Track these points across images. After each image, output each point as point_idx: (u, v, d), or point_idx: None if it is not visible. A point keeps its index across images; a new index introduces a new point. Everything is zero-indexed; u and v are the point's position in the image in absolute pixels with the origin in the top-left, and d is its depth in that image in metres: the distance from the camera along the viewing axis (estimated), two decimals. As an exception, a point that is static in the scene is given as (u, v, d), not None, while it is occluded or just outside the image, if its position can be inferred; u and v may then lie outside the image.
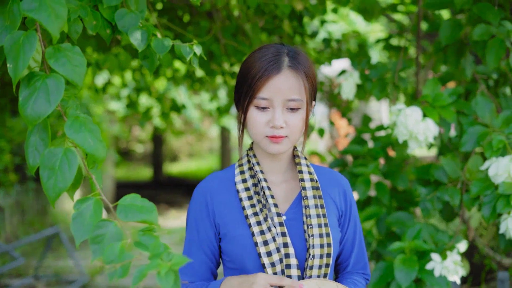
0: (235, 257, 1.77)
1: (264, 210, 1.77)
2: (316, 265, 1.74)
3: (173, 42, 1.98)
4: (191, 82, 5.10)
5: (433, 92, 2.60)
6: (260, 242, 1.72)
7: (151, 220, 1.34)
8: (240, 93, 1.80)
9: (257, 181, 1.81)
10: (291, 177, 1.88)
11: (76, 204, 1.35)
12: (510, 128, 2.49)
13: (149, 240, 1.29)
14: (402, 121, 2.53)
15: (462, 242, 2.69)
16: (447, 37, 2.76)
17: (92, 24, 1.95)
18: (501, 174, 2.36)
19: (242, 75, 1.80)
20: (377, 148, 3.10)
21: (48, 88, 1.50)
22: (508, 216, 2.32)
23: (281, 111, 1.74)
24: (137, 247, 1.28)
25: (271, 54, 1.77)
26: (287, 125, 1.75)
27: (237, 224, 1.78)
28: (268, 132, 1.74)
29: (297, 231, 1.78)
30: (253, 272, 1.74)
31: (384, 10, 4.14)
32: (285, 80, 1.74)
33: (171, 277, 1.18)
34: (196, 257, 1.83)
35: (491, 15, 2.65)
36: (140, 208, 1.36)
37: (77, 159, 1.43)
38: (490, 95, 2.95)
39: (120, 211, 1.37)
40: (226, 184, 1.85)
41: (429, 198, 2.60)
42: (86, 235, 1.34)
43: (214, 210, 1.82)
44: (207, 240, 1.83)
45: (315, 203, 1.81)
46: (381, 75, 3.01)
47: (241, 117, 1.81)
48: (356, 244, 1.94)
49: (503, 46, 2.63)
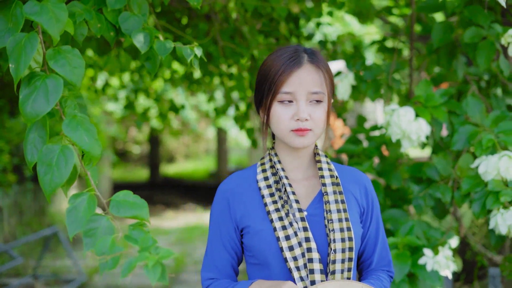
0: (258, 252, 1.80)
1: (286, 206, 1.80)
2: (338, 260, 1.76)
3: (174, 44, 2.05)
4: (188, 83, 5.17)
5: (425, 92, 2.68)
6: (282, 237, 1.75)
7: (142, 216, 1.42)
8: (262, 93, 1.83)
9: (279, 179, 1.85)
10: (312, 174, 1.91)
11: (71, 199, 1.43)
12: (500, 127, 2.57)
13: (139, 234, 1.36)
14: (395, 121, 2.61)
15: (454, 238, 2.78)
16: (439, 40, 2.84)
17: (97, 27, 2.03)
18: (490, 171, 2.44)
19: (262, 75, 1.84)
20: (371, 148, 3.18)
21: (48, 88, 1.57)
22: (497, 212, 2.40)
23: (304, 103, 1.77)
24: (127, 241, 1.35)
25: (290, 52, 1.82)
26: (311, 118, 1.78)
27: (260, 220, 1.81)
28: (293, 126, 1.77)
29: (318, 227, 1.80)
30: (275, 267, 1.78)
31: (379, 12, 4.22)
32: (307, 74, 1.78)
33: (158, 269, 1.25)
34: (219, 255, 1.88)
35: (482, 18, 2.73)
36: (132, 204, 1.44)
37: (74, 156, 1.51)
38: (481, 96, 3.03)
39: (112, 206, 1.45)
40: (248, 183, 1.88)
41: (421, 195, 2.68)
42: (80, 228, 1.42)
43: (235, 208, 1.85)
44: (229, 238, 1.87)
45: (335, 198, 1.84)
46: (375, 76, 3.09)
47: (264, 116, 1.84)
48: (379, 241, 1.96)
49: (493, 48, 2.72)
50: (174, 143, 21.28)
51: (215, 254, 1.88)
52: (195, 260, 8.20)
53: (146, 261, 1.26)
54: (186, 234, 10.20)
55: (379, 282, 1.89)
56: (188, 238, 9.83)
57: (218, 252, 1.88)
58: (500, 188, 2.40)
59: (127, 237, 1.35)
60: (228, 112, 4.99)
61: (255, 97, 1.91)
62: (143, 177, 19.56)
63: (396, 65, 3.07)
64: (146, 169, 19.99)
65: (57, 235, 7.07)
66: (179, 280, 7.11)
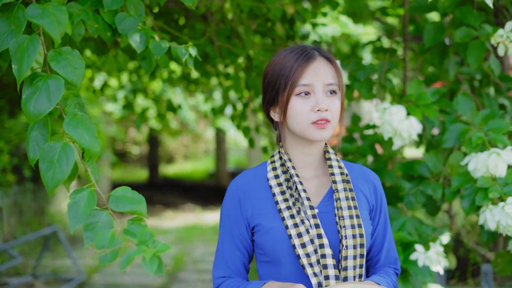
0: (269, 250, 1.82)
1: (297, 204, 1.81)
2: (350, 256, 1.78)
3: (169, 44, 2.10)
4: (186, 83, 5.22)
5: (417, 91, 2.73)
6: (294, 235, 1.76)
7: (140, 211, 1.48)
8: (276, 90, 1.84)
9: (289, 177, 1.86)
10: (322, 172, 1.92)
11: (72, 194, 1.49)
12: (489, 125, 2.63)
13: (137, 229, 1.41)
14: (387, 119, 2.66)
15: (445, 234, 2.83)
16: (430, 39, 2.90)
17: (94, 27, 2.08)
18: (479, 168, 2.49)
19: (273, 74, 1.86)
20: (365, 146, 3.23)
21: (49, 88, 1.64)
22: (486, 208, 2.46)
23: (322, 95, 1.80)
24: (125, 235, 1.41)
25: (299, 48, 1.86)
26: (329, 109, 1.80)
27: (271, 218, 1.82)
28: (313, 118, 1.79)
29: (329, 224, 1.82)
30: (286, 264, 1.80)
31: (374, 13, 4.27)
32: (321, 66, 1.82)
33: (155, 262, 1.31)
34: (230, 252, 1.89)
35: (472, 18, 2.79)
36: (130, 199, 1.50)
37: (74, 153, 1.57)
38: (472, 95, 3.08)
39: (112, 201, 1.51)
40: (259, 180, 1.90)
41: (412, 192, 2.73)
42: (80, 223, 1.48)
43: (246, 206, 1.86)
44: (239, 236, 1.88)
45: (345, 195, 1.85)
46: (368, 75, 3.15)
47: (281, 113, 1.85)
48: (387, 239, 1.98)
49: (484, 47, 2.77)
50: (173, 143, 21.33)
51: (225, 252, 1.90)
52: (194, 259, 8.25)
53: (144, 254, 1.31)
54: (185, 233, 10.25)
55: (388, 278, 1.91)
56: (187, 237, 9.88)
57: (229, 250, 1.89)
58: (489, 184, 2.46)
59: (126, 231, 1.41)
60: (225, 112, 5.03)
61: (265, 98, 1.92)
62: (143, 178, 19.61)
63: (389, 64, 3.12)
64: (146, 170, 20.04)
65: (57, 234, 7.12)
66: (178, 279, 7.16)
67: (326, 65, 1.84)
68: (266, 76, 1.90)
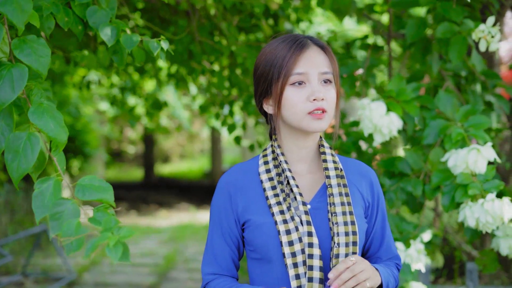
0: (259, 247, 1.77)
1: (288, 199, 1.76)
2: (342, 254, 1.72)
3: (141, 38, 2.08)
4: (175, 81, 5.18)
5: (398, 87, 2.70)
6: (282, 231, 1.71)
7: (107, 199, 1.45)
8: (269, 81, 1.78)
9: (281, 171, 1.80)
10: (316, 167, 1.86)
11: (37, 184, 1.46)
12: (470, 121, 2.60)
13: (103, 216, 1.38)
14: (367, 115, 2.63)
15: (427, 232, 2.80)
16: (412, 35, 2.87)
17: (64, 21, 2.06)
18: (459, 165, 2.46)
19: (265, 64, 1.80)
20: (349, 143, 3.20)
21: (13, 77, 1.61)
22: (466, 205, 2.43)
23: (317, 84, 1.75)
24: (90, 223, 1.38)
25: (291, 37, 1.81)
26: (325, 98, 1.74)
27: (261, 214, 1.77)
28: (310, 107, 1.73)
29: (321, 221, 1.77)
30: (277, 261, 1.74)
31: (361, 10, 4.24)
32: (315, 54, 1.77)
33: (119, 248, 1.28)
34: (220, 249, 1.84)
35: (454, 13, 2.76)
36: (97, 187, 1.47)
37: (40, 142, 1.54)
38: (456, 91, 3.05)
39: (78, 190, 1.48)
40: (250, 175, 1.84)
41: (393, 189, 2.70)
42: (46, 212, 1.45)
43: (237, 201, 1.81)
44: (230, 231, 1.83)
45: (339, 191, 1.80)
46: (352, 71, 3.11)
47: (275, 105, 1.79)
48: (386, 236, 1.92)
49: (465, 43, 2.74)
50: (169, 143, 21.31)
51: (215, 248, 1.84)
52: (186, 258, 8.22)
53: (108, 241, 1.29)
54: (178, 232, 10.22)
55: (388, 269, 1.84)
56: (180, 236, 9.84)
57: (219, 246, 1.84)
58: (468, 181, 2.43)
59: (91, 219, 1.39)
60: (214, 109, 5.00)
61: (257, 91, 1.85)
62: (138, 177, 19.58)
63: (371, 61, 3.09)
64: (141, 169, 20.01)
65: (47, 233, 7.08)
66: (168, 278, 7.13)
67: (320, 53, 1.78)
68: (257, 67, 1.84)
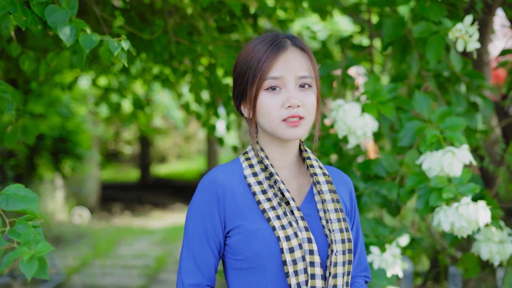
0: (252, 255, 1.64)
1: (283, 204, 1.66)
2: (340, 262, 1.65)
3: (101, 37, 2.02)
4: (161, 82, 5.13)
5: (373, 88, 2.64)
6: (282, 237, 1.60)
7: (32, 210, 1.39)
8: (245, 84, 1.70)
9: (269, 175, 1.70)
10: (299, 173, 1.77)
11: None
12: (445, 123, 2.54)
13: (23, 229, 1.32)
14: (341, 117, 2.57)
15: (404, 236, 2.74)
16: (390, 35, 2.81)
17: (22, 20, 2.00)
18: (434, 168, 2.40)
19: (242, 66, 1.71)
20: (328, 145, 3.14)
21: None
22: (441, 209, 2.37)
23: (294, 89, 1.65)
24: (10, 236, 1.32)
25: (270, 37, 1.71)
26: (303, 104, 1.65)
27: (254, 219, 1.65)
28: (284, 114, 1.64)
29: (315, 227, 1.68)
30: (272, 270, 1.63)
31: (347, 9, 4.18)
32: (294, 57, 1.67)
33: (34, 264, 1.22)
34: (202, 255, 1.69)
35: (432, 12, 2.69)
36: (22, 197, 1.41)
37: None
38: (437, 92, 2.99)
39: (2, 199, 1.42)
40: (236, 178, 1.71)
41: (367, 193, 2.64)
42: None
43: (225, 204, 1.67)
44: (214, 236, 1.68)
45: (331, 197, 1.72)
46: (329, 72, 3.05)
47: (249, 110, 1.70)
48: (358, 246, 1.86)
49: (443, 43, 2.68)
50: (166, 143, 21.25)
51: (197, 255, 1.68)
52: (177, 259, 8.16)
53: (22, 256, 1.22)
54: (171, 234, 10.16)
55: None
56: (172, 238, 9.78)
57: (202, 252, 1.68)
58: (443, 184, 2.37)
59: (11, 232, 1.33)
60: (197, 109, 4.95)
61: (235, 92, 1.76)
62: (134, 178, 19.54)
63: (348, 61, 3.03)
64: (138, 170, 19.97)
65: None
66: (158, 279, 7.07)
67: (299, 56, 1.68)
68: (235, 68, 1.75)
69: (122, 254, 8.61)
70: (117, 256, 8.43)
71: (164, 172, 20.64)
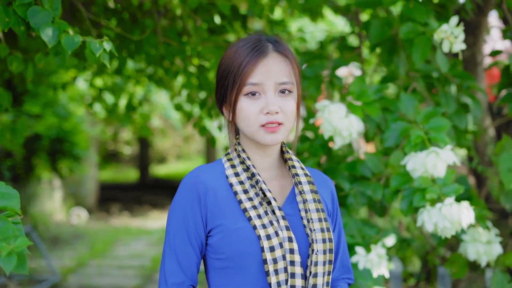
0: (233, 253, 1.65)
1: (264, 203, 1.68)
2: (320, 262, 1.67)
3: (83, 39, 2.03)
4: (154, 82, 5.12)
5: (359, 89, 2.65)
6: (263, 236, 1.62)
7: (12, 206, 1.40)
8: (225, 88, 1.71)
9: (251, 175, 1.71)
10: (281, 174, 1.79)
11: None
12: (430, 123, 2.54)
13: (3, 225, 1.33)
14: (326, 118, 2.58)
15: (390, 236, 2.75)
16: (377, 36, 2.81)
17: (5, 21, 2.01)
18: (418, 168, 2.41)
19: (223, 69, 1.72)
20: (317, 145, 3.14)
21: None
22: (424, 209, 2.37)
23: (273, 95, 1.66)
24: None
25: (253, 41, 1.71)
26: (282, 111, 1.66)
27: (236, 218, 1.66)
28: (262, 120, 1.66)
29: (296, 227, 1.70)
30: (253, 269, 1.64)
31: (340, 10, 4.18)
32: (274, 63, 1.68)
33: (13, 259, 1.23)
34: (185, 254, 1.69)
35: (418, 13, 2.70)
36: (2, 194, 1.42)
37: None
38: (425, 93, 2.99)
39: None
40: (217, 177, 1.73)
41: (352, 193, 2.65)
42: None
43: (206, 202, 1.69)
44: (196, 234, 1.69)
45: (313, 197, 1.74)
46: (317, 72, 3.06)
47: (229, 113, 1.72)
48: (341, 247, 1.87)
49: (429, 44, 2.68)
50: (165, 143, 21.26)
51: (180, 254, 1.69)
52: (173, 260, 8.17)
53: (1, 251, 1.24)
54: (168, 234, 10.16)
55: None
56: (169, 238, 9.78)
57: (184, 251, 1.69)
58: (427, 185, 2.37)
59: (-11, 228, 1.33)
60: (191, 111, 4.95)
61: (217, 94, 1.78)
62: (134, 178, 19.55)
63: (335, 62, 3.03)
64: (137, 170, 19.98)
65: (30, 235, 7.03)
66: (154, 280, 7.08)
67: (280, 61, 1.69)
68: (218, 70, 1.76)
69: (119, 254, 8.62)
70: (113, 257, 8.44)
71: (163, 172, 20.64)
